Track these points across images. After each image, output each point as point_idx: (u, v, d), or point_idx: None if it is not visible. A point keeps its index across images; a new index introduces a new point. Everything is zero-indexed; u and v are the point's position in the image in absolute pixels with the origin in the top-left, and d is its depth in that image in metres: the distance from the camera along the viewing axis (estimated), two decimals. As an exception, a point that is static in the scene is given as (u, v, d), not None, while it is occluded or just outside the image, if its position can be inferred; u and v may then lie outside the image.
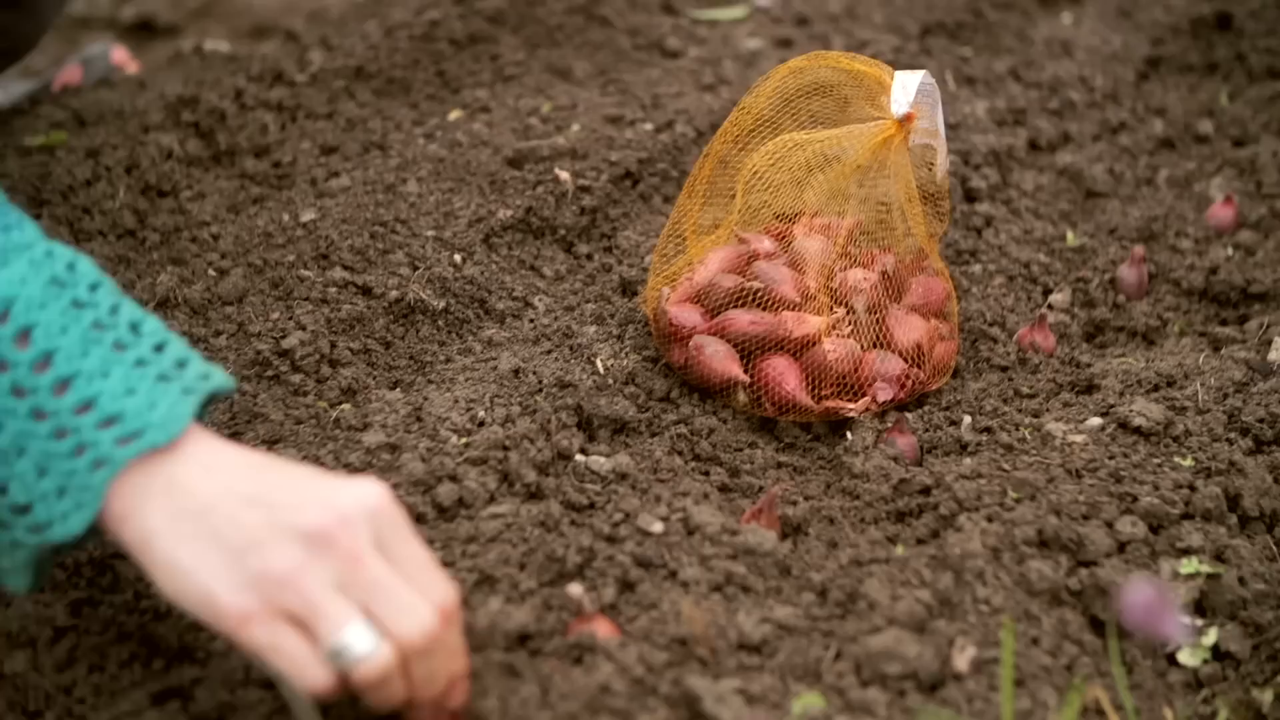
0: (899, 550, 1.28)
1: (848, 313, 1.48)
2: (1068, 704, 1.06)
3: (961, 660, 1.15)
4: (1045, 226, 1.79)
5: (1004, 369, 1.56)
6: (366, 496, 1.03)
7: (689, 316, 1.47)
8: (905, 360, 1.48)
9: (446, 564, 1.23)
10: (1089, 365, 1.55)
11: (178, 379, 1.04)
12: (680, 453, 1.41)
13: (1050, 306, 1.64)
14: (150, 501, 1.00)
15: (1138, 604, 0.97)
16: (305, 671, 1.00)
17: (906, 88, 1.43)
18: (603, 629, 1.17)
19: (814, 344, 1.45)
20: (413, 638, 1.01)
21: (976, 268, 1.70)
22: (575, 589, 1.21)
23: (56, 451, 1.00)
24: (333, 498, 1.02)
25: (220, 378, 1.07)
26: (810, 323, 1.45)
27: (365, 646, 1.00)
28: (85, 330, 1.03)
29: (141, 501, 1.00)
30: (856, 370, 1.46)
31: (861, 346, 1.47)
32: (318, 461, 1.32)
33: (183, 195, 1.73)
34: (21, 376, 1.00)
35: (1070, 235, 1.78)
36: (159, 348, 1.05)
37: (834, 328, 1.47)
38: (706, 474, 1.39)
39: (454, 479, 1.30)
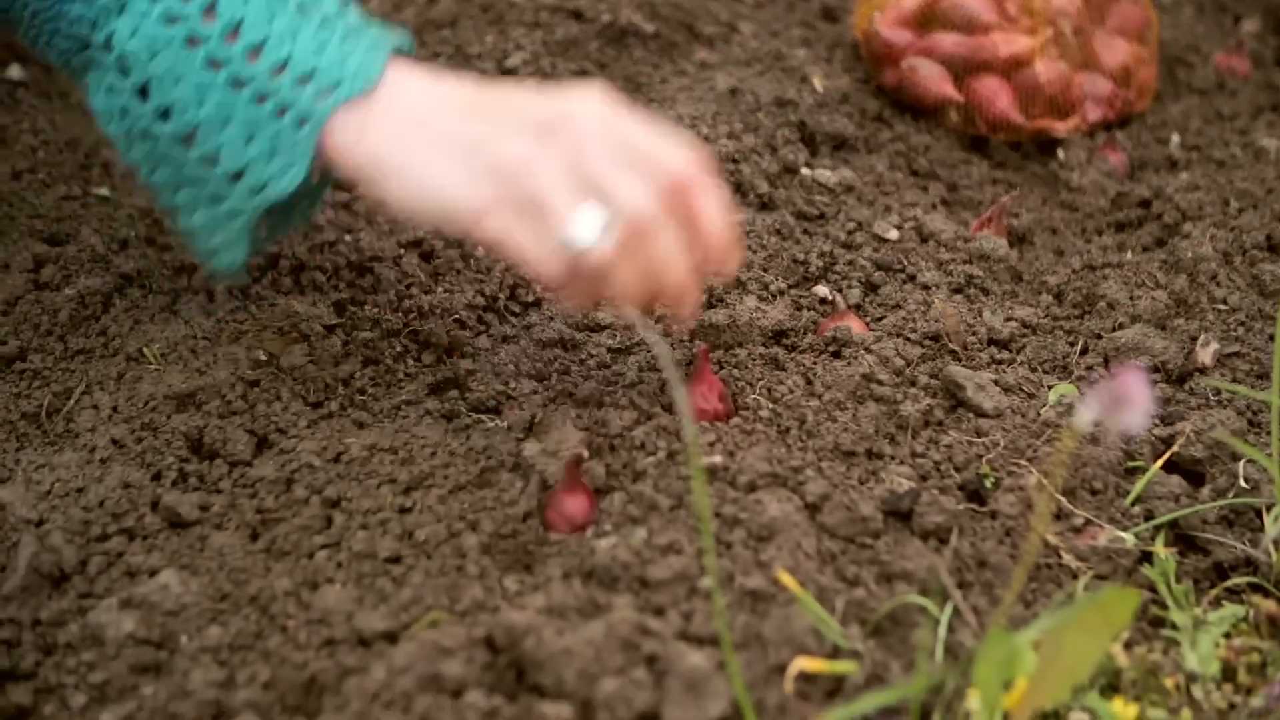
0: (1129, 256, 1.32)
1: (1055, 35, 1.50)
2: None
3: (1205, 354, 1.19)
4: (1227, -42, 1.79)
5: (1203, 92, 1.57)
6: (589, 93, 1.01)
7: (902, 36, 1.49)
8: (1112, 81, 1.50)
9: (691, 268, 1.27)
10: (1287, 88, 1.57)
11: (364, 35, 1.04)
12: (899, 168, 1.44)
13: (1243, 33, 1.65)
14: (370, 130, 1.00)
15: None
16: (539, 263, 0.99)
17: None
18: (855, 325, 1.21)
19: (1022, 64, 1.47)
20: (639, 211, 0.97)
21: (1166, -3, 1.71)
22: (823, 289, 1.25)
23: (260, 115, 1.01)
24: (555, 96, 1.01)
25: (402, 36, 1.07)
26: (1019, 42, 1.47)
27: (591, 236, 0.96)
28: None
29: (360, 132, 1.01)
30: (1066, 90, 1.48)
31: (1069, 68, 1.49)
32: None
33: (377, -75, 1.74)
34: (214, 49, 1.00)
35: (1253, -34, 1.78)
36: (339, 11, 1.05)
37: (1043, 49, 1.48)
38: (925, 188, 1.42)
39: (690, 190, 1.34)
